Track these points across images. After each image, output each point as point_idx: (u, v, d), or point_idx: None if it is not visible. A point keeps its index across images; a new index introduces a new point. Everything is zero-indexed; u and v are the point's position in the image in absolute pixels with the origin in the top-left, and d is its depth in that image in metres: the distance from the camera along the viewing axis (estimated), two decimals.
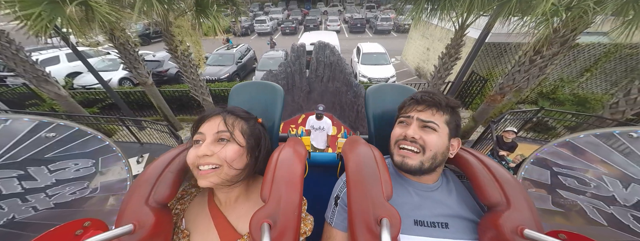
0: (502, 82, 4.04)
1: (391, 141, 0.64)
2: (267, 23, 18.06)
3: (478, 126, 4.94)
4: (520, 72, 3.82)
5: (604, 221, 0.66)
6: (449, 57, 4.29)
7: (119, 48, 4.12)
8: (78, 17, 2.63)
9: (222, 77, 7.72)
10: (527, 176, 0.78)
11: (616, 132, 0.63)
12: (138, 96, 5.99)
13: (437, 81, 4.68)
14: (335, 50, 4.26)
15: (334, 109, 4.91)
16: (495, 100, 4.26)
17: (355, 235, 0.43)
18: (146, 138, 4.68)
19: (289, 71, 4.30)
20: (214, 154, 0.51)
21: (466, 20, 3.87)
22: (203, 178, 0.51)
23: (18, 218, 0.66)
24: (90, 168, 0.77)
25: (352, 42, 13.68)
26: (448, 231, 0.54)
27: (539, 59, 3.58)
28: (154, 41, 15.16)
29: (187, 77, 4.34)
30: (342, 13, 26.54)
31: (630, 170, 0.61)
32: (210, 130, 0.54)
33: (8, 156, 0.62)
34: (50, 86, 4.14)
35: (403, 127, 0.62)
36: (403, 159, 0.58)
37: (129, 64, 4.41)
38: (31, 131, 0.65)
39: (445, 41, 7.52)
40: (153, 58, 8.26)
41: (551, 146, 0.73)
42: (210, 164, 0.52)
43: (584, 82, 5.71)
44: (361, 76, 7.62)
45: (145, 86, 4.89)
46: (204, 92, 4.71)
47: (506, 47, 5.60)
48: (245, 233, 0.54)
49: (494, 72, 6.02)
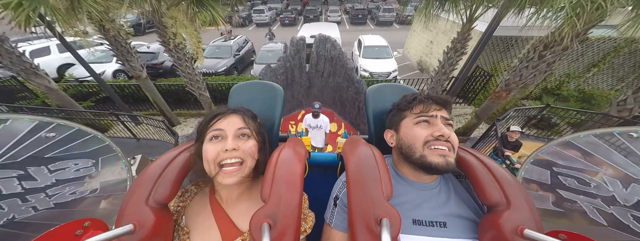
0: (508, 78, 3.91)
1: (413, 143, 0.60)
2: (266, 13, 17.52)
3: (481, 123, 4.86)
4: (527, 68, 3.69)
5: (604, 221, 0.66)
6: (454, 51, 4.14)
7: (110, 40, 3.92)
8: (63, 6, 2.45)
9: (219, 70, 7.52)
10: (527, 176, 0.78)
11: (616, 132, 0.62)
12: (133, 90, 5.83)
13: (441, 77, 4.55)
14: (337, 44, 4.09)
15: (334, 105, 4.79)
16: (500, 97, 4.16)
17: (355, 235, 0.43)
18: (143, 133, 4.57)
19: (288, 65, 4.14)
20: (239, 148, 0.54)
21: (474, 13, 3.69)
22: (229, 176, 0.53)
23: (18, 218, 0.66)
24: (90, 168, 0.77)
25: (353, 34, 13.34)
26: (446, 230, 0.54)
27: (549, 55, 3.44)
28: (148, 31, 14.65)
29: (182, 71, 4.18)
30: (343, 3, 25.79)
31: (630, 170, 0.61)
32: (231, 127, 0.57)
33: (8, 156, 0.62)
34: (40, 79, 3.98)
35: (427, 127, 0.60)
36: (446, 159, 0.55)
37: (121, 56, 4.22)
38: (31, 131, 0.65)
39: (450, 33, 7.31)
40: (147, 50, 8.00)
41: (551, 146, 0.73)
42: (236, 158, 0.54)
43: (590, 77, 5.59)
44: (362, 70, 7.44)
45: (139, 79, 4.72)
46: (201, 87, 4.56)
47: (513, 41, 5.42)
48: (246, 230, 0.54)
49: (499, 67, 5.87)
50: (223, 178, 0.53)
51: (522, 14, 3.17)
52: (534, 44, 3.43)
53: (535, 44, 3.41)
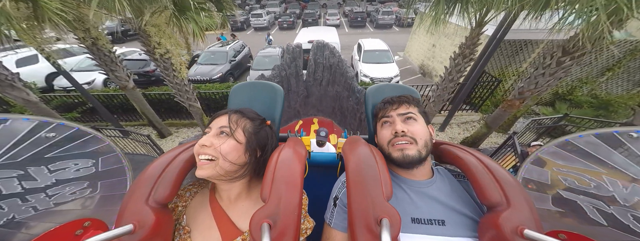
0: (521, 86, 3.61)
1: (383, 144, 0.66)
2: (264, 17, 17.33)
3: (491, 133, 4.54)
4: (544, 75, 3.39)
5: (604, 221, 0.66)
6: (462, 57, 3.84)
7: (91, 49, 3.63)
8: (23, 15, 2.16)
9: (214, 77, 7.23)
10: (527, 176, 0.79)
11: (616, 132, 0.62)
12: (122, 100, 5.53)
13: (448, 84, 4.24)
14: (336, 51, 3.80)
15: (334, 114, 4.48)
16: (513, 106, 3.84)
17: (355, 235, 0.44)
18: (130, 147, 4.26)
19: (283, 74, 3.85)
20: (211, 145, 0.54)
21: (485, 17, 3.40)
22: (199, 168, 0.54)
23: (18, 218, 0.67)
24: (90, 168, 0.77)
25: (353, 38, 13.12)
26: (445, 228, 0.54)
27: (569, 60, 3.14)
28: (129, 39, 13.85)
29: (169, 81, 3.88)
30: (341, 6, 25.68)
31: (630, 170, 0.61)
32: (216, 124, 0.58)
33: (8, 156, 0.62)
34: (17, 92, 3.68)
35: (388, 127, 0.66)
36: (403, 152, 0.60)
37: (104, 66, 3.92)
38: (31, 131, 0.64)
39: (453, 37, 7.02)
40: (139, 57, 7.72)
41: (551, 146, 0.73)
42: (207, 155, 0.54)
43: (604, 82, 5.28)
44: (363, 75, 7.15)
45: (126, 90, 4.42)
46: (191, 98, 4.26)
47: (522, 44, 5.13)
48: (246, 230, 0.55)
49: (507, 71, 5.57)
50: (197, 171, 0.54)
51: (540, 16, 2.87)
52: (550, 50, 3.13)
53: (550, 49, 3.10)
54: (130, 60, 7.44)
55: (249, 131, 0.59)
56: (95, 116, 5.71)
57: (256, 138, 0.60)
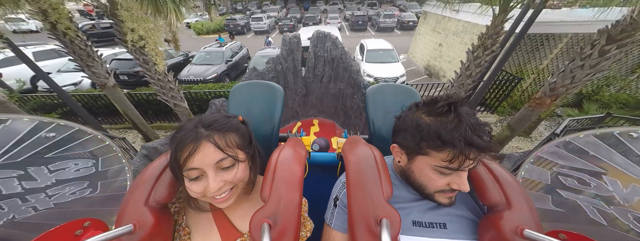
0: (554, 81, 3.12)
1: (427, 185, 0.55)
2: (264, 21, 17.18)
3: (515, 136, 4.02)
4: (583, 67, 2.91)
5: (604, 221, 0.65)
6: (483, 49, 3.37)
7: (65, 42, 3.22)
8: None
9: (208, 77, 6.83)
10: (527, 176, 0.78)
11: (616, 132, 0.62)
12: (106, 100, 5.10)
13: (465, 80, 3.77)
14: (338, 42, 3.36)
15: (336, 115, 4.00)
16: (542, 104, 3.35)
17: (355, 235, 0.44)
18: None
19: (279, 69, 3.40)
20: (225, 183, 0.50)
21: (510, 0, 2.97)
22: (222, 203, 0.51)
23: (18, 218, 0.66)
24: (90, 168, 0.76)
25: (354, 40, 12.81)
26: (446, 231, 0.54)
27: (615, 49, 2.67)
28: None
29: (151, 77, 3.44)
30: (342, 11, 25.65)
31: (630, 170, 0.61)
32: (206, 161, 0.48)
33: (8, 156, 0.62)
34: None
35: (446, 178, 0.53)
36: (451, 200, 0.55)
37: (79, 61, 3.50)
38: (31, 131, 0.64)
39: (462, 35, 6.60)
40: (129, 56, 7.35)
41: (551, 146, 0.73)
42: (225, 192, 0.51)
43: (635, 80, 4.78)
44: (366, 75, 6.72)
45: (106, 88, 3.98)
46: (176, 96, 3.80)
47: (544, 38, 4.67)
48: (246, 232, 0.55)
49: (526, 69, 5.09)
50: (218, 205, 0.52)
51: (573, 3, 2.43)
52: (577, 43, 2.67)
53: (576, 43, 2.65)
54: (120, 60, 7.08)
55: (241, 144, 0.54)
56: (78, 119, 5.27)
57: (245, 143, 0.56)
